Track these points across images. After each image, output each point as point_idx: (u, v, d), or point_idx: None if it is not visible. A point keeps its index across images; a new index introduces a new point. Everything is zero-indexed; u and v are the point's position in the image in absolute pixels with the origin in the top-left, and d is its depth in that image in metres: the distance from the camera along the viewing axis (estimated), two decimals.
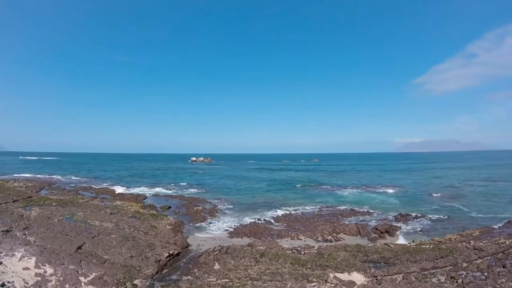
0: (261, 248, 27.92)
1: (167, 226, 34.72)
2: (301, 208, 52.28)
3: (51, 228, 29.64)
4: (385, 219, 43.64)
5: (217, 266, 24.10)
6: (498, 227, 36.83)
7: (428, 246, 27.53)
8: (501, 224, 38.34)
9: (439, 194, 65.63)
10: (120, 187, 78.89)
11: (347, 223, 40.37)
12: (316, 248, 28.13)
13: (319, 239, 34.77)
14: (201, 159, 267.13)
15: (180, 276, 23.29)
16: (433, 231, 37.66)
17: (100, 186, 79.72)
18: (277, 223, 42.34)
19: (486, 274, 20.15)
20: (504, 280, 18.60)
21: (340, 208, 51.91)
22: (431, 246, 27.17)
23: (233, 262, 24.55)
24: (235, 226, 40.40)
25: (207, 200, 60.08)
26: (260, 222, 42.70)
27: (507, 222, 38.67)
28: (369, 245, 29.54)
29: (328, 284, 20.58)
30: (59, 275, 20.72)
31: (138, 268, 23.48)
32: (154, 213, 42.44)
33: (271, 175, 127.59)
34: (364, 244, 30.21)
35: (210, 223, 42.32)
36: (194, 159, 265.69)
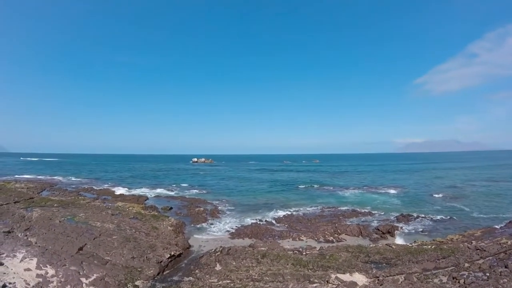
0: (263, 249, 27.88)
1: (169, 227, 34.70)
2: (302, 209, 52.20)
3: (52, 229, 29.66)
4: (387, 220, 43.53)
5: (218, 267, 24.07)
6: (500, 227, 36.67)
7: (430, 246, 27.44)
8: (503, 224, 38.16)
9: (441, 195, 65.44)
10: (121, 188, 78.84)
11: (348, 224, 40.28)
12: (317, 249, 28.07)
13: (321, 240, 34.68)
14: (202, 160, 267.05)
15: (182, 277, 23.26)
16: (434, 232, 37.53)
17: (101, 187, 79.78)
18: (278, 224, 42.30)
19: (488, 274, 20.08)
20: (506, 281, 18.54)
21: (342, 208, 51.82)
22: (433, 247, 27.08)
23: (234, 263, 24.51)
24: (236, 227, 40.35)
25: (208, 201, 60.04)
26: (261, 223, 42.64)
27: (509, 222, 38.48)
28: (371, 245, 29.45)
29: (329, 285, 20.53)
30: (60, 276, 20.72)
31: (139, 269, 23.47)
32: (156, 214, 42.41)
33: (272, 176, 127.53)
34: (366, 244, 30.12)
35: (212, 224, 42.28)
36: (195, 160, 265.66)
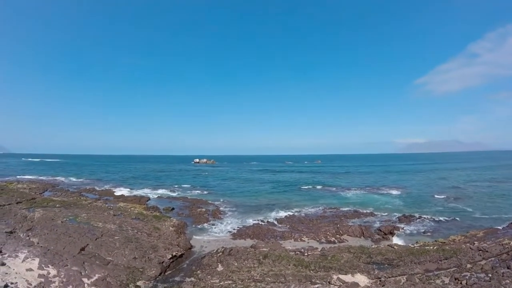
0: (264, 249, 27.86)
1: (170, 228, 34.72)
2: (304, 210, 52.19)
3: (54, 230, 29.72)
4: (389, 220, 43.43)
5: (220, 268, 24.08)
6: (502, 228, 36.53)
7: (432, 247, 27.35)
8: (505, 225, 38.00)
9: (443, 195, 65.23)
10: (123, 188, 79.05)
11: (350, 225, 40.22)
12: (319, 250, 28.03)
13: (323, 240, 34.63)
14: (204, 160, 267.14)
15: (183, 277, 23.28)
16: (437, 232, 37.43)
17: (103, 188, 79.92)
18: (280, 224, 42.27)
19: (490, 275, 20.01)
20: (508, 282, 18.46)
21: (344, 209, 51.78)
22: (435, 248, 26.99)
23: (236, 264, 24.51)
24: (238, 227, 40.35)
25: (210, 201, 60.08)
26: (263, 223, 42.62)
27: (511, 223, 38.36)
28: (373, 246, 29.39)
29: (331, 285, 20.51)
30: (62, 276, 20.77)
31: (141, 270, 23.49)
32: (157, 214, 42.44)
33: (274, 176, 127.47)
34: (368, 245, 30.08)
35: (213, 224, 42.29)
36: (197, 160, 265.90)
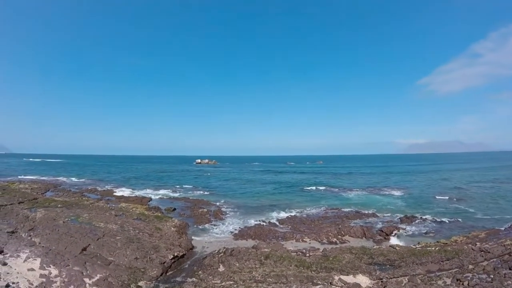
0: (266, 250, 27.84)
1: (172, 228, 34.74)
2: (306, 210, 52.14)
3: (56, 230, 29.78)
4: (391, 221, 43.31)
5: (221, 268, 24.07)
6: (505, 228, 36.49)
7: (433, 248, 27.29)
8: (507, 226, 37.96)
9: (445, 196, 65.03)
10: (125, 189, 79.19)
11: (352, 225, 40.16)
12: (321, 250, 28.00)
13: (324, 241, 34.57)
14: (206, 161, 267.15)
15: (185, 278, 23.28)
16: (438, 233, 37.31)
17: (105, 188, 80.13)
18: (282, 225, 42.22)
19: (492, 276, 19.96)
20: (510, 282, 18.41)
21: (346, 210, 51.67)
22: (436, 248, 26.93)
23: (237, 264, 24.50)
24: (239, 228, 40.33)
25: (212, 202, 60.08)
26: (265, 224, 42.59)
27: None
28: (375, 247, 29.33)
29: (333, 286, 20.46)
30: (63, 276, 20.80)
31: (142, 270, 23.51)
32: (159, 215, 42.46)
33: (276, 177, 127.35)
34: (370, 246, 30.01)
35: (215, 225, 42.29)
36: (199, 161, 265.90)
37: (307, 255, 26.63)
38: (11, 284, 18.73)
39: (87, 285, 20.23)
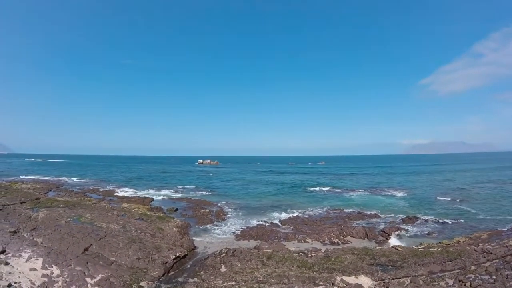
0: (268, 251, 27.82)
1: (174, 229, 34.77)
2: (308, 211, 52.07)
3: (58, 230, 29.87)
4: (393, 222, 43.17)
5: (223, 269, 24.07)
6: (507, 229, 36.30)
7: (436, 249, 27.19)
8: (510, 227, 37.75)
9: (447, 197, 64.78)
10: (127, 189, 79.38)
11: (354, 226, 40.06)
12: (323, 251, 27.95)
13: (326, 242, 34.48)
14: (208, 161, 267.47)
15: (187, 278, 23.28)
16: (441, 234, 37.14)
17: (107, 188, 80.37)
18: (284, 225, 42.15)
19: (494, 277, 19.89)
20: None
21: (348, 211, 51.58)
22: (439, 249, 26.83)
23: (239, 265, 24.49)
24: (241, 228, 40.30)
25: (214, 202, 60.07)
26: (266, 224, 42.55)
27: None
28: (377, 248, 29.27)
29: (335, 287, 20.42)
30: (65, 276, 20.85)
31: (144, 270, 23.54)
32: (161, 215, 42.54)
33: (278, 177, 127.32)
34: (372, 247, 29.93)
35: (217, 225, 42.28)
36: (201, 161, 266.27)
37: (309, 255, 26.59)
38: (13, 283, 18.79)
39: (89, 285, 20.27)
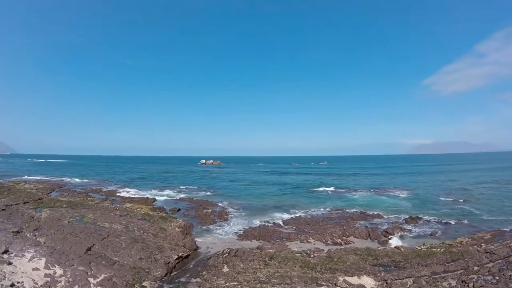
0: (270, 251, 27.81)
1: (176, 229, 34.82)
2: (310, 211, 51.95)
3: (61, 230, 29.99)
4: (396, 222, 43.04)
5: (226, 269, 24.06)
6: (510, 230, 36.14)
7: (439, 249, 27.07)
8: None
9: (451, 197, 64.48)
10: (130, 189, 79.43)
11: (357, 226, 39.97)
12: (325, 251, 27.90)
13: (329, 242, 34.41)
14: (211, 162, 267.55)
15: (189, 278, 23.29)
16: (444, 234, 36.99)
17: (110, 188, 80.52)
18: (286, 226, 42.11)
19: (497, 277, 19.81)
20: None
21: (350, 211, 51.44)
22: (442, 250, 26.71)
23: (242, 265, 24.48)
24: (244, 228, 40.30)
25: (216, 202, 60.09)
26: (269, 225, 42.52)
27: None
28: (379, 248, 29.19)
29: (337, 287, 20.38)
30: (68, 276, 20.92)
31: (147, 270, 23.58)
32: (164, 215, 42.60)
33: (280, 178, 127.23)
34: (374, 247, 29.85)
35: (219, 225, 42.30)
36: (203, 162, 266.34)
37: (312, 256, 26.54)
38: (16, 283, 18.86)
39: (91, 285, 20.32)
